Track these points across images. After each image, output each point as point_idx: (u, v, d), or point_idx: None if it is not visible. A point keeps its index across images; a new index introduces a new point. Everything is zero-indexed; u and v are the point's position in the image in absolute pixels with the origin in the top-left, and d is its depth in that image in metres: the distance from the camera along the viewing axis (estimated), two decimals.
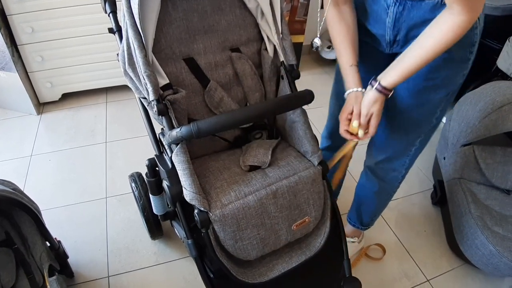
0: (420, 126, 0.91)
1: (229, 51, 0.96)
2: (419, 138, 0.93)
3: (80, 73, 1.84)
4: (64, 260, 1.08)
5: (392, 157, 1.00)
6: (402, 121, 0.91)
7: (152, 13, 0.81)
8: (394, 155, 0.99)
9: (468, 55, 0.78)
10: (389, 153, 1.00)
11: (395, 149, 0.98)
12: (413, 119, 0.89)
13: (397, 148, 0.98)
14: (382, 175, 1.07)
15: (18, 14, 1.57)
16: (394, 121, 0.92)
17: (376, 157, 1.04)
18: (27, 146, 1.66)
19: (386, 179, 1.07)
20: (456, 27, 0.65)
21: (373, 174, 1.09)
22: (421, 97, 0.84)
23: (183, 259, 1.23)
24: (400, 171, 1.03)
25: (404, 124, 0.91)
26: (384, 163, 1.03)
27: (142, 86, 0.81)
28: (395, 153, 0.99)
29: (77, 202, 1.40)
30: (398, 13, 0.74)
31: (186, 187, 0.78)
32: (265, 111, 0.80)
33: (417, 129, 0.91)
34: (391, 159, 1.01)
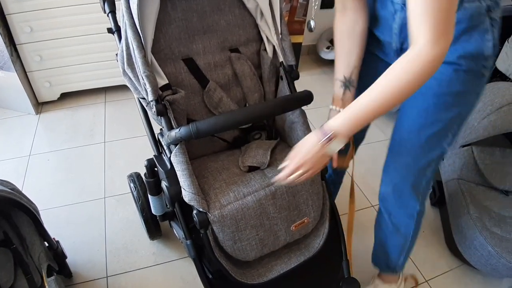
0: (430, 151, 0.79)
1: (228, 51, 0.96)
2: (430, 166, 0.81)
3: (78, 73, 1.84)
4: (62, 260, 1.08)
5: (400, 189, 0.87)
6: (409, 145, 0.80)
7: (151, 13, 0.81)
8: (401, 186, 0.86)
9: (482, 69, 0.69)
10: (396, 183, 0.87)
11: (402, 179, 0.85)
12: (421, 143, 0.78)
13: (405, 178, 0.85)
14: (392, 212, 0.94)
15: (16, 13, 1.56)
16: (401, 146, 0.82)
17: (384, 189, 0.92)
18: (25, 145, 1.65)
19: (397, 217, 0.94)
20: (418, 65, 0.57)
21: (385, 210, 0.96)
22: (430, 116, 0.75)
23: (181, 260, 1.23)
24: (414, 207, 0.89)
25: (413, 148, 0.80)
26: (392, 196, 0.90)
27: (141, 86, 0.81)
28: (403, 184, 0.86)
29: (76, 202, 1.40)
30: (405, 19, 0.67)
31: (185, 188, 0.78)
32: (264, 112, 0.80)
33: (427, 155, 0.80)
34: (399, 192, 0.88)
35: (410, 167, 0.82)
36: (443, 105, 0.73)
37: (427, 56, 0.56)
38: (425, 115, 0.75)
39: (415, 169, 0.82)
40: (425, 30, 0.55)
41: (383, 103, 0.62)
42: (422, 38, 0.55)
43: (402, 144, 0.82)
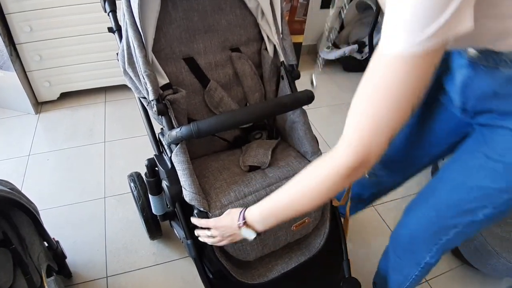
0: (458, 215, 0.67)
1: (229, 51, 0.96)
2: (455, 228, 0.69)
3: (78, 73, 1.83)
4: (62, 261, 1.08)
5: (415, 236, 0.78)
6: (438, 199, 0.70)
7: (152, 12, 0.81)
8: (417, 235, 0.77)
9: None
10: (413, 231, 0.78)
11: (421, 229, 0.76)
12: (449, 203, 0.67)
13: (424, 230, 0.75)
14: (399, 253, 0.86)
15: (16, 13, 1.56)
16: (430, 195, 0.73)
17: (399, 230, 0.83)
18: (25, 145, 1.65)
19: (402, 259, 0.86)
20: (327, 168, 0.50)
21: (392, 248, 0.89)
22: (470, 177, 0.63)
23: (182, 260, 1.23)
24: (424, 256, 0.79)
25: (440, 205, 0.70)
26: (404, 239, 0.82)
27: (141, 86, 0.80)
28: (420, 234, 0.77)
29: (76, 202, 1.40)
30: (469, 78, 0.58)
31: (185, 187, 0.77)
32: (265, 112, 0.80)
33: (454, 218, 0.68)
34: (413, 239, 0.79)
35: (433, 222, 0.72)
36: (489, 171, 0.61)
37: (340, 162, 0.48)
38: (466, 174, 0.64)
39: (437, 226, 0.72)
40: (348, 132, 0.48)
41: (293, 202, 0.57)
42: (343, 141, 0.48)
43: (432, 194, 0.72)
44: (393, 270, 0.93)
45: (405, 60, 0.41)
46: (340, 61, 2.30)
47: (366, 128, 0.46)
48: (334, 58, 2.22)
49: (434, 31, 0.39)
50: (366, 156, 0.47)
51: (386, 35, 0.42)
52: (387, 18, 0.42)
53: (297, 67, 0.97)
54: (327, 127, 1.85)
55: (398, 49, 0.41)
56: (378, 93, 0.45)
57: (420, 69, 0.42)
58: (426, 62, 0.42)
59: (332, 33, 2.33)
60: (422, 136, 0.79)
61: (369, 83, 0.46)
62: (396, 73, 0.42)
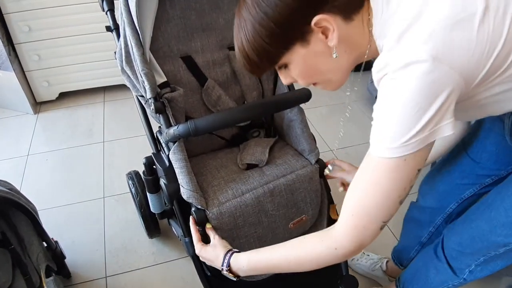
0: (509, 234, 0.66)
1: (227, 49, 0.96)
2: (505, 247, 0.68)
3: (77, 72, 1.83)
4: (61, 261, 1.08)
5: (465, 245, 0.77)
6: (494, 212, 0.69)
7: (149, 11, 0.81)
8: (468, 243, 0.75)
9: None
10: (463, 239, 0.76)
11: (472, 236, 0.74)
12: (507, 218, 0.66)
13: (476, 238, 0.73)
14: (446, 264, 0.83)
15: (15, 12, 1.56)
16: (487, 207, 0.71)
17: (450, 238, 0.81)
18: (23, 145, 1.64)
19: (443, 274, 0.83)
20: (322, 247, 0.56)
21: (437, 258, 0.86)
22: None
23: (181, 259, 1.23)
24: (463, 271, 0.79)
25: (494, 218, 0.69)
26: (454, 250, 0.80)
27: (139, 84, 0.81)
28: (470, 242, 0.75)
29: (75, 202, 1.39)
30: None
31: (183, 185, 0.77)
32: (262, 109, 0.80)
33: (507, 234, 0.67)
34: (463, 248, 0.77)
35: (485, 235, 0.71)
36: None
37: (337, 245, 0.54)
38: None
39: (488, 240, 0.70)
40: (344, 217, 0.53)
41: (282, 265, 0.62)
42: (340, 224, 0.54)
43: (488, 208, 0.70)
44: (434, 270, 0.88)
45: (388, 163, 0.47)
46: None
47: (360, 217, 0.52)
48: None
49: (408, 140, 0.45)
50: (360, 241, 0.53)
51: (373, 139, 0.49)
52: (374, 124, 0.48)
53: None
54: (325, 126, 1.85)
55: (381, 153, 0.48)
56: (368, 188, 0.51)
57: (403, 172, 0.48)
58: (408, 165, 0.47)
59: None
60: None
61: (362, 178, 0.52)
62: (382, 172, 0.49)
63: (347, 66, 0.54)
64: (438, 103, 0.43)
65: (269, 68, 0.56)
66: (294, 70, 0.55)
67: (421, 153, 0.46)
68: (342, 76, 0.54)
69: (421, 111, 0.43)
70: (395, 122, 0.45)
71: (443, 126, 0.45)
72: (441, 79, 0.42)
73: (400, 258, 1.09)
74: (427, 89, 0.42)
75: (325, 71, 0.54)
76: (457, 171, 0.83)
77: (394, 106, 0.45)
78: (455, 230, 0.80)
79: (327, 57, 0.51)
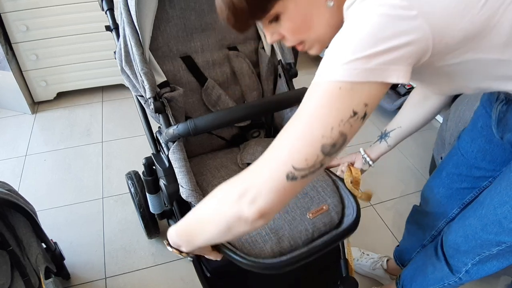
0: (503, 232, 0.67)
1: (227, 49, 0.95)
2: (498, 246, 0.69)
3: (75, 72, 1.82)
4: (60, 262, 1.07)
5: (459, 244, 0.77)
6: (485, 210, 0.70)
7: (149, 10, 0.80)
8: (462, 241, 0.76)
9: None
10: (458, 238, 0.77)
11: (466, 235, 0.75)
12: (496, 215, 0.67)
13: (469, 237, 0.74)
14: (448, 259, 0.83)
15: (12, 12, 1.54)
16: (479, 206, 0.72)
17: (447, 237, 0.81)
18: (21, 146, 1.63)
19: (441, 272, 0.84)
20: (232, 217, 0.47)
21: (435, 252, 0.87)
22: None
23: (181, 260, 1.22)
24: (459, 271, 0.80)
25: (485, 216, 0.70)
26: (451, 248, 0.81)
27: (139, 84, 0.80)
28: (464, 241, 0.76)
29: (73, 202, 1.39)
30: (501, 113, 0.62)
31: (182, 185, 0.77)
32: (262, 109, 0.79)
33: (498, 231, 0.68)
34: (458, 246, 0.78)
35: (477, 233, 0.71)
36: None
37: (237, 207, 0.46)
38: (510, 193, 0.64)
39: (481, 238, 0.71)
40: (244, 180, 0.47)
41: (200, 225, 0.54)
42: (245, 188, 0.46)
43: (481, 206, 0.71)
44: (431, 267, 0.89)
45: (323, 86, 0.42)
46: None
47: (270, 153, 0.46)
48: None
49: (352, 61, 0.40)
50: (263, 218, 0.46)
51: (319, 68, 0.44)
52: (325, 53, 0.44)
53: (295, 65, 0.97)
54: None
55: (318, 76, 0.43)
56: (293, 119, 0.45)
57: (336, 101, 0.41)
58: (343, 97, 0.41)
59: None
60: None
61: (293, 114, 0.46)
62: (313, 98, 0.43)
63: (336, 23, 0.49)
64: (394, 42, 0.40)
65: (256, 19, 0.50)
66: (285, 22, 0.50)
67: (360, 90, 0.41)
68: (330, 35, 0.47)
69: (375, 40, 0.39)
70: (345, 41, 0.42)
71: (392, 69, 0.41)
72: (409, 24, 0.40)
73: (402, 258, 1.09)
74: (389, 24, 0.39)
75: (317, 26, 0.50)
76: (455, 174, 0.84)
77: (349, 29, 0.42)
78: (452, 228, 0.81)
79: (321, 7, 0.48)
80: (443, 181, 0.87)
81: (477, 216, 0.72)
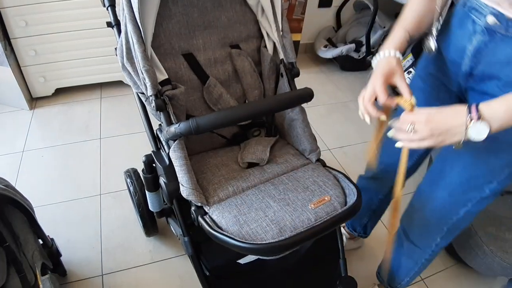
0: (469, 191, 0.73)
1: (229, 47, 0.95)
2: (465, 207, 0.75)
3: (74, 68, 1.81)
4: (57, 259, 1.06)
5: (428, 218, 0.82)
6: (449, 179, 0.75)
7: (152, 7, 0.80)
8: (431, 216, 0.81)
9: None
10: (426, 213, 0.82)
11: (433, 209, 0.81)
12: (462, 180, 0.73)
13: (436, 210, 0.80)
14: (411, 236, 0.90)
15: (11, 7, 1.53)
16: (440, 177, 0.77)
17: (412, 217, 0.86)
18: (19, 141, 1.62)
19: (414, 242, 0.90)
20: None
21: (403, 232, 0.92)
22: (477, 156, 0.69)
23: (178, 257, 1.22)
24: (435, 238, 0.84)
25: (452, 183, 0.75)
26: (419, 226, 0.85)
27: (140, 81, 0.80)
28: (432, 215, 0.81)
29: (71, 199, 1.38)
30: (483, 44, 0.62)
31: (183, 184, 0.77)
32: (264, 109, 0.79)
33: (465, 194, 0.74)
34: (426, 221, 0.83)
35: (445, 202, 0.78)
36: (494, 149, 0.66)
37: None
38: (473, 155, 0.69)
39: (449, 205, 0.77)
40: None
41: None
42: None
43: (442, 176, 0.77)
44: (404, 257, 0.95)
45: None
46: (337, 60, 2.30)
47: None
48: (331, 57, 2.23)
49: None
50: None
51: None
52: None
53: (296, 64, 0.97)
54: (324, 125, 1.85)
55: None
56: None
57: None
58: None
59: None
60: None
61: None
62: None
63: None
64: None
65: None
66: None
67: None
68: None
69: None
70: None
71: None
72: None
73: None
74: None
75: None
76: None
77: None
78: (415, 208, 0.84)
79: None
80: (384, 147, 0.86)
81: (442, 186, 0.76)
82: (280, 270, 0.97)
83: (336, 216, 0.74)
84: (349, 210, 0.75)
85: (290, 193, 0.79)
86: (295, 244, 0.69)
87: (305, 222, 0.72)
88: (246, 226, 0.72)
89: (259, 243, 0.67)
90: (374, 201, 1.07)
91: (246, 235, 0.70)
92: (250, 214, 0.74)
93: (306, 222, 0.72)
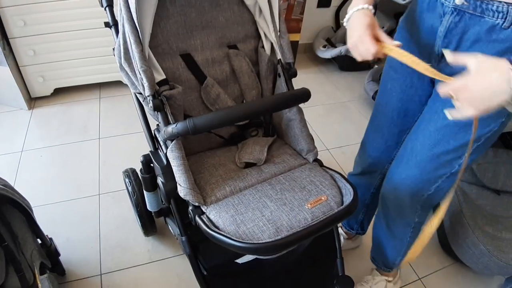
0: (439, 168, 0.77)
1: (226, 47, 0.95)
2: (436, 183, 0.80)
3: (73, 68, 1.81)
4: (55, 258, 1.07)
5: (401, 198, 0.86)
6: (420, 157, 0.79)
7: (149, 7, 0.80)
8: (403, 195, 0.85)
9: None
10: (399, 192, 0.86)
11: (406, 188, 0.84)
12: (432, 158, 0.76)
13: (409, 189, 0.83)
14: (389, 217, 0.94)
15: (10, 6, 1.53)
16: (411, 156, 0.80)
17: (386, 192, 0.90)
18: (18, 141, 1.62)
19: (393, 224, 0.94)
20: None
21: (383, 214, 0.96)
22: (447, 133, 0.73)
23: (177, 257, 1.22)
24: (412, 218, 0.89)
25: (422, 161, 0.79)
26: (392, 202, 0.90)
27: (138, 81, 0.80)
28: (405, 194, 0.84)
29: (69, 198, 1.38)
30: (453, 24, 0.66)
31: (180, 183, 0.77)
32: (262, 109, 0.79)
33: (436, 171, 0.78)
34: (400, 200, 0.87)
35: (417, 179, 0.81)
36: (463, 125, 0.70)
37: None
38: (443, 131, 0.73)
39: (421, 182, 0.81)
40: None
41: None
42: None
43: (413, 155, 0.80)
44: (388, 237, 0.99)
45: None
46: (336, 60, 2.31)
47: None
48: (330, 57, 2.23)
49: None
50: None
51: None
52: None
53: (293, 65, 0.97)
54: (322, 126, 1.86)
55: None
56: None
57: None
58: None
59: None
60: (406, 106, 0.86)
61: None
62: None
63: None
64: None
65: None
66: None
67: None
68: None
69: None
70: None
71: None
72: None
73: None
74: None
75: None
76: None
77: None
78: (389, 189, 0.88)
79: None
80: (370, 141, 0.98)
81: (413, 164, 0.80)
82: (278, 270, 0.97)
83: (332, 215, 0.74)
84: (345, 209, 0.76)
85: (287, 193, 0.79)
86: (291, 243, 0.70)
87: (302, 222, 0.73)
88: (243, 225, 0.72)
89: (256, 243, 0.68)
90: (367, 196, 1.10)
91: (243, 234, 0.71)
92: (247, 214, 0.74)
93: (303, 222, 0.73)
